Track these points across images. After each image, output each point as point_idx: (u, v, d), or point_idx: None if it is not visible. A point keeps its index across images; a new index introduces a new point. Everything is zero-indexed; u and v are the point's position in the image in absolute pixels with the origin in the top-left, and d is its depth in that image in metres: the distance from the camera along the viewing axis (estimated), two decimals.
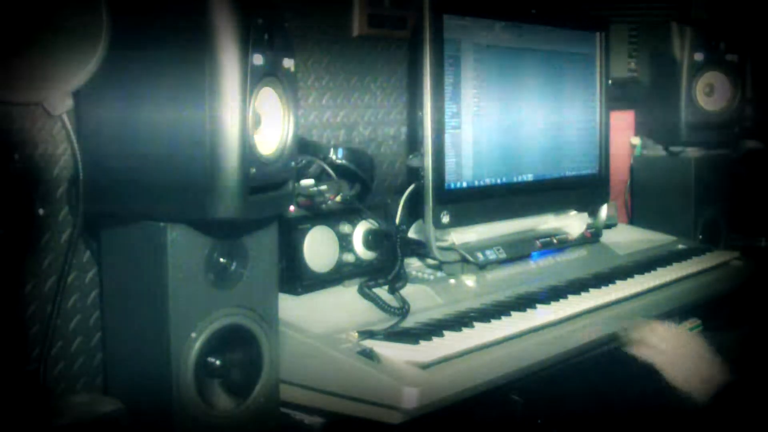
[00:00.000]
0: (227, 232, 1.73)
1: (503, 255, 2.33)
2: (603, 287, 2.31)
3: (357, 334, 1.83)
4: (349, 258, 2.07)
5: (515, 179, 2.47)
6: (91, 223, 1.78)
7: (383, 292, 2.04)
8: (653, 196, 3.22)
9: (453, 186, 2.27)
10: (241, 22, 1.59)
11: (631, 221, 3.27)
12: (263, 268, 1.81)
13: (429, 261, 2.29)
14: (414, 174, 2.25)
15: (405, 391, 1.67)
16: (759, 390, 2.49)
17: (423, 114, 2.17)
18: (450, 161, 2.25)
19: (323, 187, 2.07)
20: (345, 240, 2.06)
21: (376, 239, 2.10)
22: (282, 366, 1.83)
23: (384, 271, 2.09)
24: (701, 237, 3.13)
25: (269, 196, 1.70)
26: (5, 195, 1.70)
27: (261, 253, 1.80)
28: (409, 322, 1.96)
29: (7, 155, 1.72)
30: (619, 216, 3.11)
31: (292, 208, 1.90)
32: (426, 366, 1.76)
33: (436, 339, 1.85)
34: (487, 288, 2.25)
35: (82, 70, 1.69)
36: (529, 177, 2.51)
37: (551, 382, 2.10)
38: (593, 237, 2.67)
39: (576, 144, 2.68)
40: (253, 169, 1.63)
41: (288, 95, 1.73)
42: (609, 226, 2.83)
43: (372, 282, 2.05)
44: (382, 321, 1.94)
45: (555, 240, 2.52)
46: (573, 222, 2.61)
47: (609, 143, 2.77)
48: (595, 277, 2.39)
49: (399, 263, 2.07)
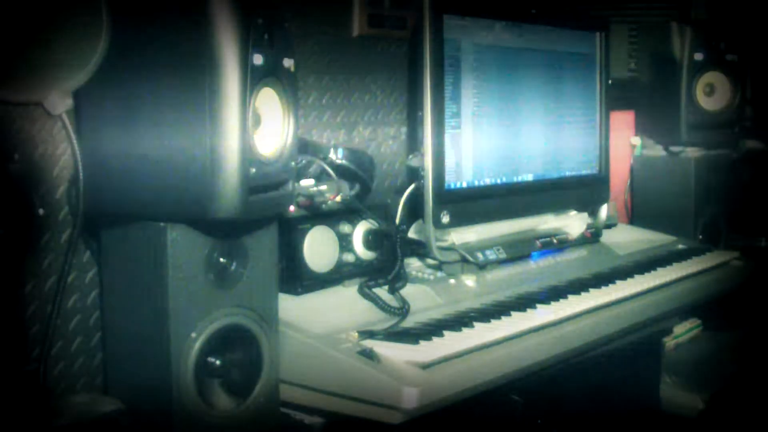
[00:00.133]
0: (227, 232, 1.73)
1: (503, 255, 2.33)
2: (603, 287, 2.30)
3: (357, 334, 1.83)
4: (349, 258, 2.07)
5: (515, 179, 2.47)
6: (91, 223, 1.78)
7: (383, 292, 2.04)
8: (653, 196, 3.22)
9: (453, 186, 2.27)
10: (241, 22, 1.60)
11: (631, 221, 3.27)
12: (263, 268, 1.81)
13: (429, 261, 2.29)
14: (414, 174, 2.25)
15: (405, 391, 1.67)
16: (758, 390, 2.49)
17: (423, 114, 2.17)
18: (450, 161, 2.25)
19: (323, 187, 2.07)
20: (345, 240, 2.06)
21: (376, 239, 2.10)
22: (282, 366, 1.83)
23: (384, 271, 2.09)
24: (701, 237, 3.13)
25: (269, 196, 1.70)
26: (5, 195, 1.70)
27: (261, 253, 1.80)
28: (409, 322, 1.96)
29: (7, 155, 1.72)
30: (619, 216, 3.11)
31: (292, 208, 1.90)
32: (426, 366, 1.76)
33: (436, 339, 1.85)
34: (487, 288, 2.25)
35: (82, 70, 1.69)
36: (529, 177, 2.51)
37: (551, 382, 2.10)
38: (593, 237, 2.67)
39: (576, 144, 2.67)
40: (253, 169, 1.63)
41: (288, 95, 1.73)
42: (609, 226, 2.83)
43: (372, 282, 2.05)
44: (382, 321, 1.94)
45: (555, 240, 2.52)
46: (573, 222, 2.61)
47: (609, 143, 2.77)
48: (595, 277, 2.39)
49: (399, 263, 2.07)
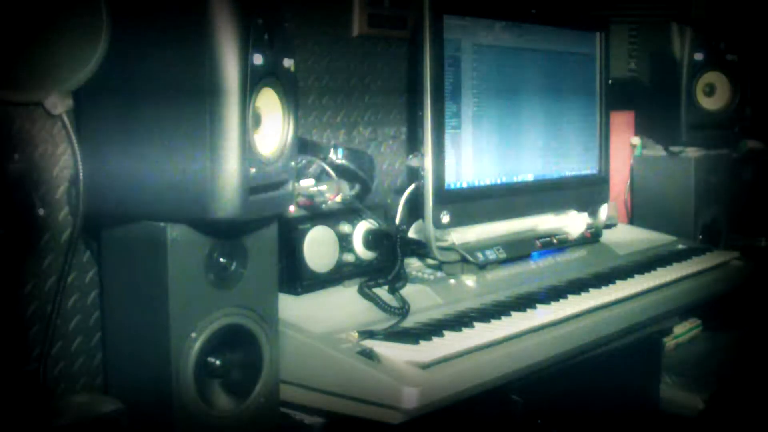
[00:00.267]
0: (227, 232, 1.73)
1: (503, 255, 2.33)
2: (603, 287, 2.30)
3: (357, 334, 1.83)
4: (349, 258, 2.07)
5: (515, 179, 2.47)
6: (91, 223, 1.78)
7: (383, 292, 2.04)
8: (653, 196, 3.22)
9: (453, 186, 2.27)
10: (241, 22, 1.59)
11: (631, 221, 3.27)
12: (263, 268, 1.81)
13: (429, 261, 2.29)
14: (414, 174, 2.25)
15: (405, 391, 1.67)
16: (758, 390, 2.49)
17: (423, 114, 2.17)
18: (450, 161, 2.25)
19: (323, 187, 2.07)
20: (345, 240, 2.06)
21: (376, 239, 2.10)
22: (282, 366, 1.83)
23: (384, 271, 2.09)
24: (701, 237, 3.13)
25: (269, 196, 1.70)
26: (5, 195, 1.70)
27: (261, 253, 1.80)
28: (409, 322, 1.96)
29: (7, 155, 1.72)
30: (619, 216, 3.11)
31: (292, 208, 1.90)
32: (426, 366, 1.76)
33: (436, 339, 1.85)
34: (487, 288, 2.25)
35: (82, 70, 1.69)
36: (529, 177, 2.51)
37: (551, 382, 2.10)
38: (593, 237, 2.67)
39: (576, 144, 2.68)
40: (253, 169, 1.63)
41: (288, 95, 1.73)
42: (609, 226, 2.83)
43: (372, 282, 2.05)
44: (382, 321, 1.94)
45: (555, 240, 2.52)
46: (573, 222, 2.61)
47: (609, 143, 2.77)
48: (595, 277, 2.39)
49: (399, 263, 2.07)
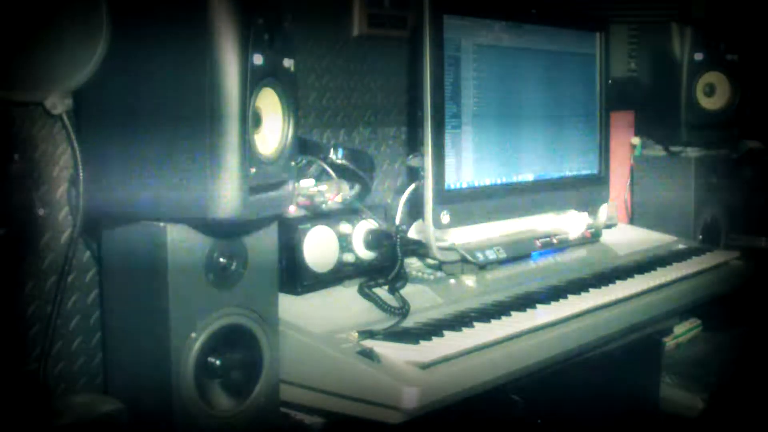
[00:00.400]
0: (227, 232, 1.73)
1: (503, 255, 2.33)
2: (603, 287, 2.30)
3: (357, 334, 1.83)
4: (349, 258, 2.06)
5: (515, 179, 2.47)
6: (91, 223, 1.78)
7: (383, 292, 2.04)
8: (653, 196, 3.22)
9: (453, 186, 2.27)
10: (241, 22, 1.59)
11: (631, 221, 3.27)
12: (263, 268, 1.81)
13: (429, 261, 2.29)
14: (414, 174, 2.25)
15: (405, 391, 1.67)
16: (758, 390, 2.49)
17: (423, 114, 2.17)
18: (450, 161, 2.25)
19: (323, 187, 2.07)
20: (345, 240, 2.06)
21: (376, 239, 2.10)
22: (282, 366, 1.83)
23: (384, 271, 2.09)
24: (701, 237, 3.13)
25: (269, 196, 1.70)
26: (5, 195, 1.70)
27: (261, 253, 1.80)
28: (409, 322, 1.96)
29: (7, 155, 1.72)
30: (619, 216, 3.11)
31: (292, 208, 1.90)
32: (426, 366, 1.76)
33: (436, 339, 1.85)
34: (487, 288, 2.25)
35: (82, 70, 1.69)
36: (529, 177, 2.51)
37: (551, 382, 2.10)
38: (593, 237, 2.67)
39: (576, 144, 2.68)
40: (253, 169, 1.63)
41: (288, 95, 1.73)
42: (609, 226, 2.84)
43: (372, 282, 2.05)
44: (382, 321, 1.94)
45: (555, 240, 2.52)
46: (573, 222, 2.61)
47: (609, 143, 2.77)
48: (595, 277, 2.39)
49: (399, 263, 2.07)
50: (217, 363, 1.75)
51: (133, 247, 1.71)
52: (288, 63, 1.72)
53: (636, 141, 3.30)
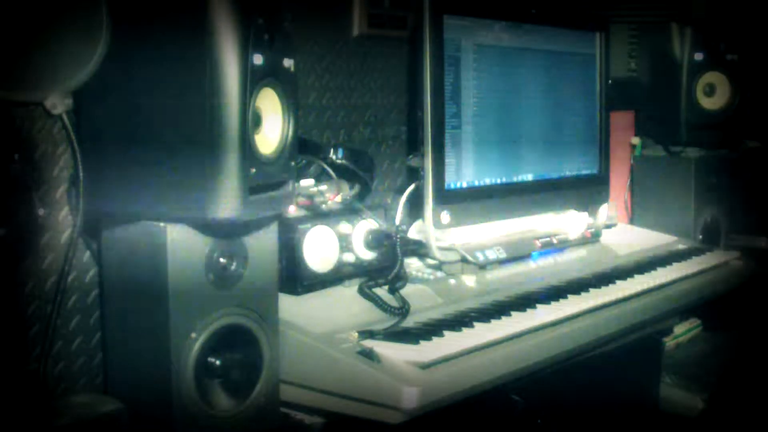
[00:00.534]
0: (227, 232, 1.73)
1: (503, 255, 2.33)
2: (603, 287, 2.30)
3: (357, 334, 1.83)
4: (349, 258, 2.06)
5: (515, 179, 2.47)
6: (91, 223, 1.78)
7: (383, 292, 2.04)
8: (653, 196, 3.22)
9: (453, 186, 2.27)
10: (241, 22, 1.59)
11: (631, 221, 3.27)
12: (263, 268, 1.81)
13: (429, 261, 2.30)
14: (414, 174, 2.25)
15: (405, 391, 1.67)
16: (757, 390, 2.48)
17: (423, 114, 2.17)
18: (450, 161, 2.26)
19: (323, 187, 2.07)
20: (345, 240, 2.06)
21: (376, 239, 2.10)
22: (282, 366, 1.83)
23: (384, 271, 2.09)
24: (701, 237, 3.13)
25: (269, 196, 1.70)
26: (5, 195, 1.70)
27: (261, 253, 1.80)
28: (409, 322, 1.96)
29: (7, 155, 1.72)
30: (619, 216, 3.11)
31: (292, 208, 1.89)
32: (426, 366, 1.76)
33: (436, 339, 1.85)
34: (487, 288, 2.25)
35: (82, 70, 1.69)
36: (529, 177, 2.52)
37: (551, 382, 2.10)
38: (593, 237, 2.68)
39: (576, 144, 2.68)
40: (253, 169, 1.63)
41: (288, 95, 1.73)
42: (609, 226, 2.84)
43: (372, 282, 2.05)
44: (382, 321, 1.94)
45: (555, 240, 2.52)
46: (573, 222, 2.61)
47: (609, 143, 2.77)
48: (595, 277, 2.39)
49: (399, 263, 2.07)
50: (217, 363, 1.75)
51: (133, 247, 1.71)
52: (288, 63, 1.72)
53: (636, 141, 3.30)
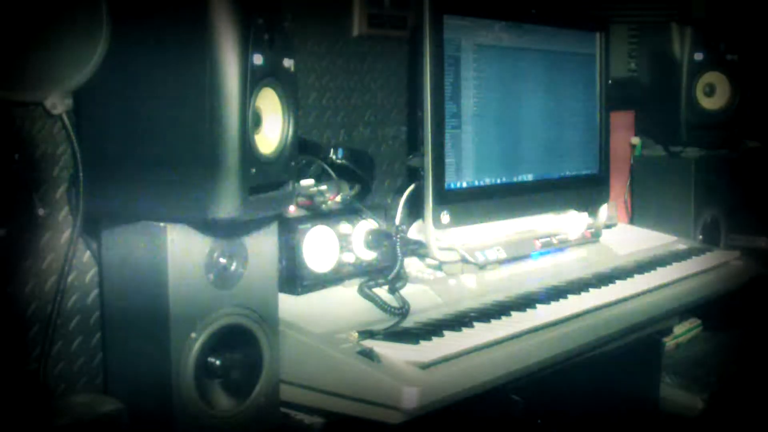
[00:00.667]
0: (227, 232, 1.73)
1: (503, 255, 2.33)
2: (603, 287, 2.30)
3: (357, 334, 1.83)
4: (349, 258, 2.06)
5: (515, 179, 2.47)
6: (91, 223, 1.78)
7: (383, 292, 2.04)
8: (653, 196, 3.22)
9: (453, 186, 2.27)
10: (241, 22, 1.59)
11: (631, 221, 3.27)
12: (263, 268, 1.81)
13: (429, 261, 2.29)
14: (414, 174, 2.26)
15: (405, 391, 1.67)
16: (758, 390, 2.48)
17: (423, 114, 2.17)
18: (450, 161, 2.26)
19: (323, 187, 2.07)
20: (345, 240, 2.06)
21: (376, 239, 2.10)
22: (282, 366, 1.83)
23: (384, 271, 2.09)
24: (701, 237, 3.13)
25: (269, 196, 1.70)
26: (5, 195, 1.70)
27: (261, 253, 1.80)
28: (409, 322, 1.96)
29: (7, 155, 1.72)
30: (619, 216, 3.11)
31: (292, 208, 1.89)
32: (426, 366, 1.76)
33: (436, 339, 1.85)
34: (487, 288, 2.25)
35: (82, 70, 1.69)
36: (529, 177, 2.51)
37: (551, 382, 2.10)
38: (593, 237, 2.67)
39: (576, 144, 2.68)
40: (253, 169, 1.63)
41: (288, 95, 1.73)
42: (609, 226, 2.84)
43: (372, 282, 2.05)
44: (382, 321, 1.94)
45: (555, 240, 2.52)
46: (573, 222, 2.61)
47: (609, 143, 2.77)
48: (596, 277, 2.39)
49: (399, 263, 2.07)
50: (217, 363, 1.75)
51: (133, 247, 1.71)
52: (288, 63, 1.72)
53: (636, 141, 3.30)
